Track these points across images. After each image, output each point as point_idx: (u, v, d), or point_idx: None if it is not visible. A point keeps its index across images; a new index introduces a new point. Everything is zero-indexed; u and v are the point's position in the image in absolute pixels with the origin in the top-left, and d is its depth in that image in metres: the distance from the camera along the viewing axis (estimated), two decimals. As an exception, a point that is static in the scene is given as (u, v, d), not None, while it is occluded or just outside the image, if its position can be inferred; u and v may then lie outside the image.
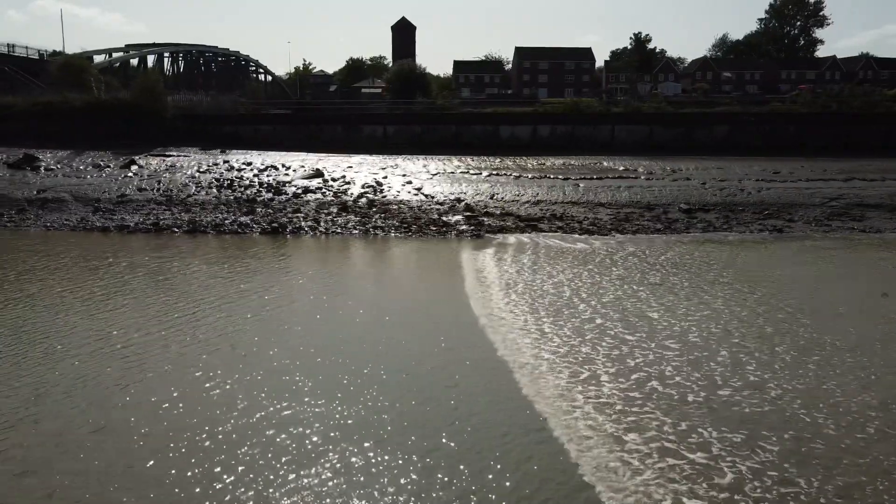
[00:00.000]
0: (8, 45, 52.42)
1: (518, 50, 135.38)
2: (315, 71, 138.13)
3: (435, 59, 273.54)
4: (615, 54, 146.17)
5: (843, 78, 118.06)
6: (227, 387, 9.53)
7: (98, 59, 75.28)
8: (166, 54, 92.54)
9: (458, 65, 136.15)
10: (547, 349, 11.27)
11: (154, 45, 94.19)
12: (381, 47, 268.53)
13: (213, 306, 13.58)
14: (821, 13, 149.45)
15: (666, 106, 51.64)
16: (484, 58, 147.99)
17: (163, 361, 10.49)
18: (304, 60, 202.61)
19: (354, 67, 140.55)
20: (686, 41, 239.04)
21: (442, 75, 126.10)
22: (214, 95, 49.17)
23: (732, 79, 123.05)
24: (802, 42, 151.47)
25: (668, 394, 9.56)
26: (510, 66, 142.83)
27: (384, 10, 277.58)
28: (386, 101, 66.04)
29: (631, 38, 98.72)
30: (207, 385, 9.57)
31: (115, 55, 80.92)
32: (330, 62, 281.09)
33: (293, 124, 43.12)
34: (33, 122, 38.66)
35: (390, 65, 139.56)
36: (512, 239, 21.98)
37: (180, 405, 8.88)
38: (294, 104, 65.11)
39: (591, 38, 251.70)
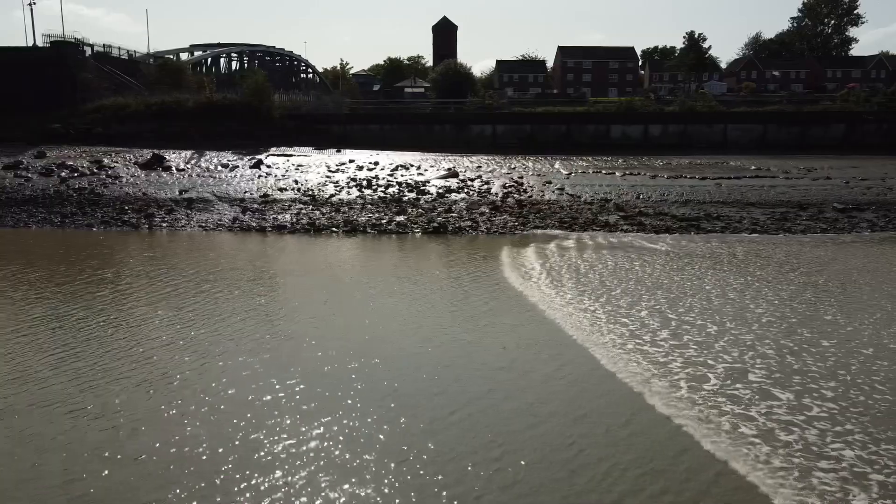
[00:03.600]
0: (104, 45, 52.16)
1: (561, 49, 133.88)
2: (353, 71, 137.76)
3: (465, 57, 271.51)
4: (647, 53, 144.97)
5: (889, 76, 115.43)
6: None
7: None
8: (234, 54, 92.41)
9: (501, 64, 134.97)
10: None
11: (219, 44, 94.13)
12: (411, 46, 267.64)
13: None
14: (855, 11, 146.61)
15: (718, 105, 50.34)
16: (521, 57, 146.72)
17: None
18: (342, 60, 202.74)
19: (392, 67, 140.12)
20: (713, 41, 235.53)
21: (479, 74, 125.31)
22: (318, 95, 48.63)
23: (778, 77, 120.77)
24: (836, 41, 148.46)
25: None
26: (550, 64, 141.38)
27: (400, 10, 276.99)
28: (431, 101, 65.08)
29: (684, 37, 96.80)
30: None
31: (182, 56, 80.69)
32: (354, 61, 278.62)
33: (402, 123, 42.27)
34: (148, 123, 38.28)
35: (428, 64, 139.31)
36: (685, 242, 20.98)
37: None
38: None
39: (595, 37, 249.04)
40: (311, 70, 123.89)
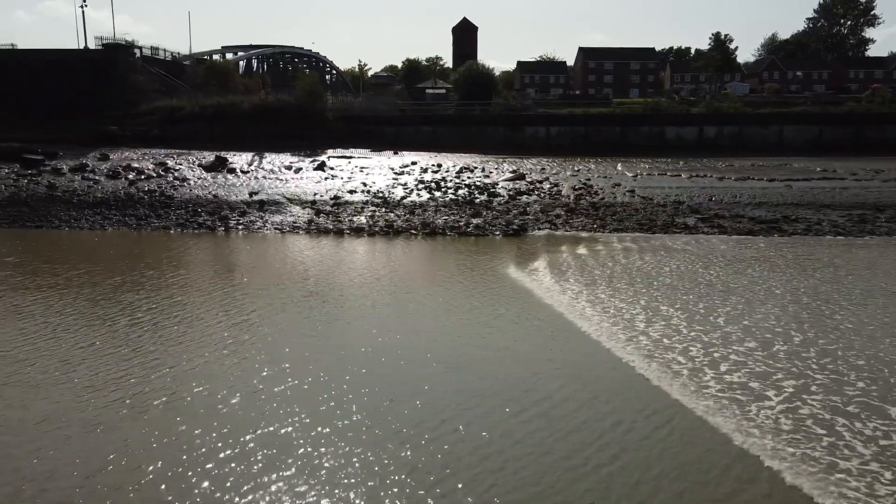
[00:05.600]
0: (151, 47, 52.14)
1: (582, 50, 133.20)
2: (371, 72, 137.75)
3: (482, 58, 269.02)
4: (662, 54, 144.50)
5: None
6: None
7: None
8: (265, 56, 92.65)
9: (522, 65, 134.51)
10: None
11: (250, 46, 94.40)
12: (412, 47, 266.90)
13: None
14: (872, 12, 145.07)
15: (743, 106, 49.86)
16: (540, 58, 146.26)
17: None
18: (360, 61, 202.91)
19: (411, 68, 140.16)
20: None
21: (497, 74, 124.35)
22: (371, 96, 48.48)
23: (801, 78, 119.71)
24: (852, 41, 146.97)
25: None
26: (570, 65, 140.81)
27: (399, 10, 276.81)
28: (453, 102, 64.48)
29: (710, 37, 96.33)
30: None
31: (214, 57, 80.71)
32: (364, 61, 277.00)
33: (455, 125, 42.02)
34: (203, 125, 38.22)
35: (447, 65, 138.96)
36: (780, 245, 20.56)
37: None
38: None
39: (596, 38, 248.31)
40: (335, 71, 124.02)
